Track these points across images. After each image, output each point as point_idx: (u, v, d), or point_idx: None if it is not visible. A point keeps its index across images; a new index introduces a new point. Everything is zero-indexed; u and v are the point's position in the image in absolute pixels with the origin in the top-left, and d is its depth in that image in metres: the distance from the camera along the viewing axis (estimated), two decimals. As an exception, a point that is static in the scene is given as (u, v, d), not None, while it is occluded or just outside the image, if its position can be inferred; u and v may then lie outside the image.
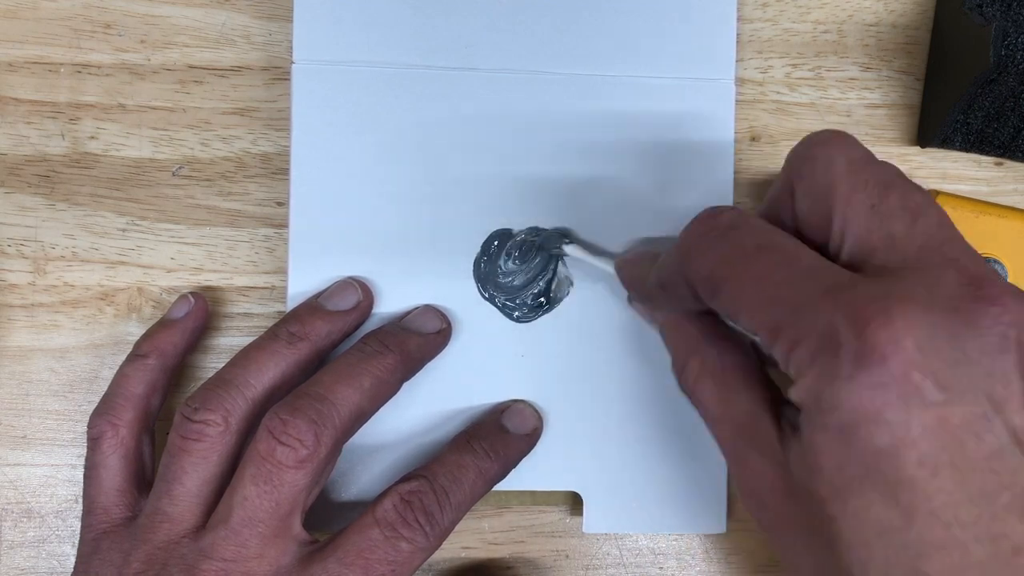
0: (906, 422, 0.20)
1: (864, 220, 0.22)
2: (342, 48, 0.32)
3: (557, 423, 0.32)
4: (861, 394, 0.20)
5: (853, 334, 0.20)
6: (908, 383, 0.20)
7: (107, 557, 0.27)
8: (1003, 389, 0.20)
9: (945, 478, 0.20)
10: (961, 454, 0.20)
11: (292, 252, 0.31)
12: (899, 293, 0.20)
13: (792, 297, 0.22)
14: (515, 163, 0.32)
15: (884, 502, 0.20)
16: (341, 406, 0.27)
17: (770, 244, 0.23)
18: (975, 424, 0.20)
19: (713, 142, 0.33)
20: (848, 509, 0.20)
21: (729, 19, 0.33)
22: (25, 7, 0.33)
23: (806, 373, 0.21)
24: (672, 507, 0.33)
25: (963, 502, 0.20)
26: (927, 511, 0.20)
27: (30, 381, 0.33)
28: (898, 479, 0.20)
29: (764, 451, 0.23)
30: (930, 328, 0.20)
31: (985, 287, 0.21)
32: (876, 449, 0.20)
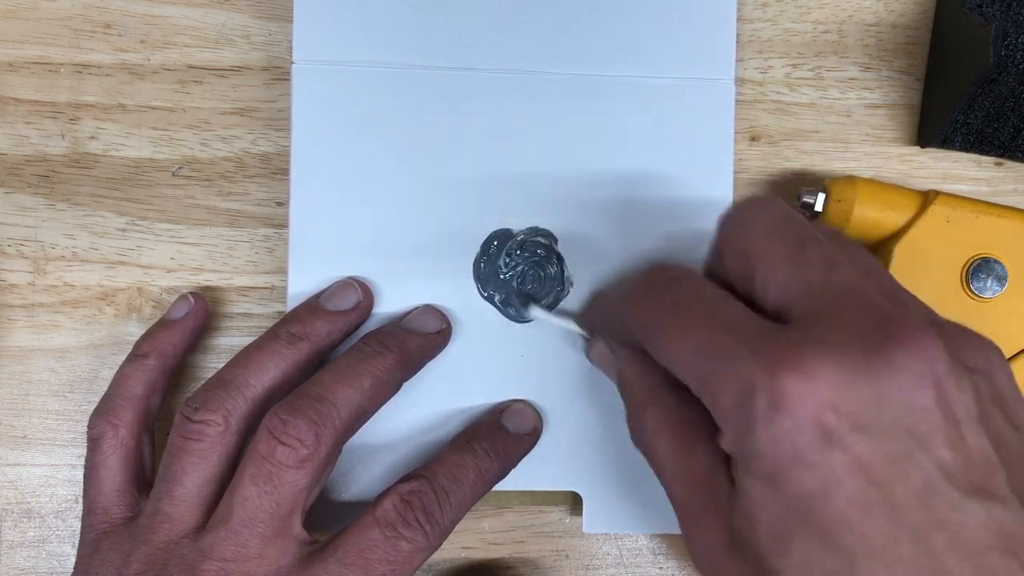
0: (828, 463, 0.20)
1: (782, 273, 0.23)
2: (342, 48, 0.32)
3: (557, 423, 0.32)
4: (778, 440, 0.20)
5: (766, 382, 0.20)
6: (822, 426, 0.20)
7: (107, 557, 0.27)
8: (925, 425, 0.20)
9: (878, 516, 0.20)
10: (891, 492, 0.20)
11: (292, 252, 0.31)
12: (811, 338, 0.21)
13: (715, 349, 0.22)
14: (515, 163, 0.32)
15: (823, 548, 0.20)
16: (341, 406, 0.27)
17: (700, 297, 0.24)
18: (900, 462, 0.20)
19: (713, 142, 0.33)
20: (789, 561, 0.20)
21: (729, 19, 0.33)
22: (25, 7, 0.33)
23: (730, 423, 0.21)
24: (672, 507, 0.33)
25: (901, 540, 0.19)
26: (866, 553, 0.20)
27: (30, 381, 0.33)
28: (832, 520, 0.20)
29: (715, 508, 0.23)
30: (844, 370, 0.20)
31: (898, 325, 0.21)
32: (805, 493, 0.20)
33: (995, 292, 0.32)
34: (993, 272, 0.32)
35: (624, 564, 0.34)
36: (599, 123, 0.32)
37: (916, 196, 0.33)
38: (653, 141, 0.32)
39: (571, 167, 0.32)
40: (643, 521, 0.32)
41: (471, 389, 0.32)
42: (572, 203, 0.32)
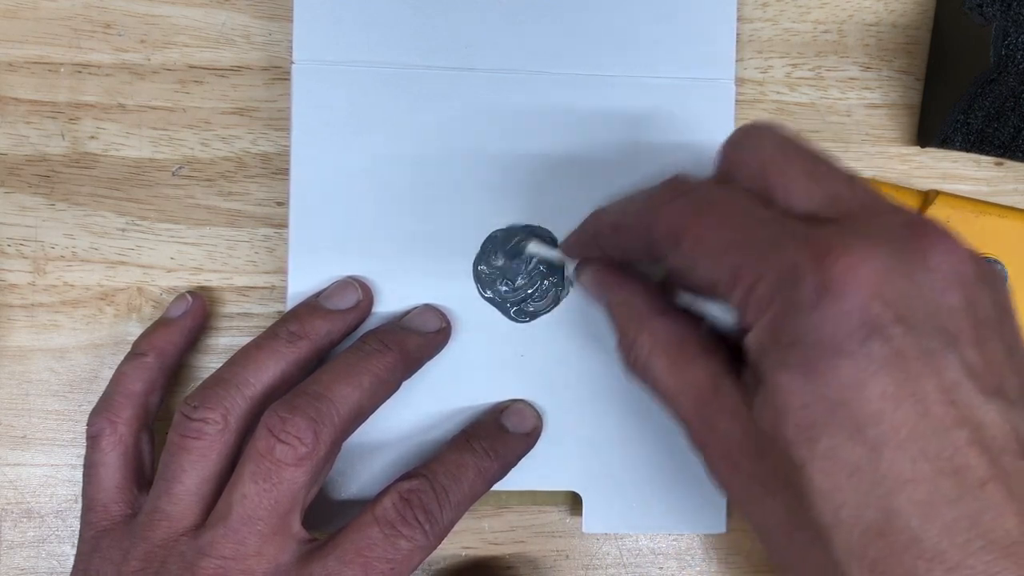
0: (868, 354, 0.20)
1: (804, 184, 0.23)
2: (342, 48, 0.32)
3: (557, 423, 0.32)
4: (823, 325, 0.20)
5: (814, 267, 0.20)
6: (868, 313, 0.20)
7: (107, 555, 0.27)
8: (955, 324, 0.20)
9: (908, 411, 0.20)
10: (921, 387, 0.20)
11: (292, 252, 0.31)
12: (855, 232, 0.21)
13: (753, 241, 0.22)
14: (515, 163, 0.32)
15: (851, 439, 0.20)
16: (340, 404, 0.27)
17: (732, 199, 0.23)
18: (933, 357, 0.20)
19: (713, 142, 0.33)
20: (816, 451, 0.20)
21: (729, 19, 0.33)
22: (25, 7, 0.33)
23: (767, 311, 0.21)
24: (672, 507, 0.33)
25: (926, 435, 0.20)
26: (894, 445, 0.20)
27: (30, 381, 0.33)
28: (863, 413, 0.20)
29: (729, 411, 0.23)
30: (886, 262, 0.20)
31: (930, 228, 0.21)
32: (840, 383, 0.20)
33: (995, 292, 0.32)
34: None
35: (624, 564, 0.34)
36: (599, 123, 0.32)
37: (916, 196, 0.33)
38: (653, 141, 0.32)
39: (571, 167, 0.32)
40: (643, 521, 0.32)
41: (471, 389, 0.32)
42: (572, 203, 0.32)
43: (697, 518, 0.33)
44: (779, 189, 0.23)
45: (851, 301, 0.20)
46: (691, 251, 0.23)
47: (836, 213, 0.22)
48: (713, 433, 0.24)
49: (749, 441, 0.23)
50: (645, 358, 0.26)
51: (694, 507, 0.33)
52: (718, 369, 0.24)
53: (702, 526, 0.33)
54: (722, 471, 0.24)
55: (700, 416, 0.24)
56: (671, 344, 0.25)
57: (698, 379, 0.24)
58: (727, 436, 0.23)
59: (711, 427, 0.24)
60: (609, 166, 0.32)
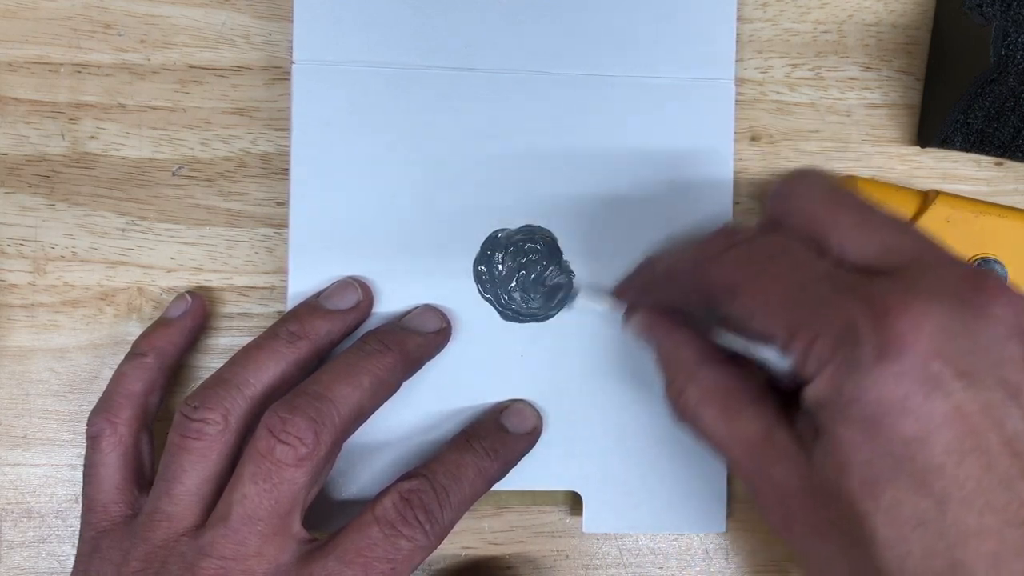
0: (930, 410, 0.20)
1: (857, 235, 0.23)
2: (342, 48, 0.32)
3: (557, 423, 0.32)
4: (884, 383, 0.20)
5: (873, 325, 0.20)
6: (929, 371, 0.20)
7: (107, 555, 0.27)
8: (1015, 375, 0.21)
9: (972, 464, 0.20)
10: (984, 440, 0.20)
11: (292, 252, 0.31)
12: (912, 287, 0.21)
13: (810, 297, 0.22)
14: (515, 163, 0.32)
15: (916, 493, 0.20)
16: (341, 404, 0.27)
17: (788, 251, 0.24)
18: (994, 410, 0.20)
19: (713, 142, 0.33)
20: (880, 504, 0.21)
21: (729, 19, 0.33)
22: (25, 7, 0.33)
23: (826, 368, 0.21)
24: (672, 507, 0.33)
25: (992, 488, 0.20)
26: (959, 499, 0.20)
27: (30, 381, 0.33)
28: (927, 467, 0.20)
29: (785, 460, 0.23)
30: (945, 318, 0.20)
31: (986, 279, 0.21)
32: (903, 439, 0.20)
33: (995, 292, 0.32)
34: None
35: (624, 564, 0.34)
36: (599, 123, 0.32)
37: (916, 196, 0.33)
38: (653, 141, 0.32)
39: (571, 167, 0.32)
40: (643, 521, 0.32)
41: (471, 389, 0.32)
42: (572, 203, 0.32)
43: (697, 518, 0.33)
44: (834, 240, 0.23)
45: (912, 359, 0.20)
46: (748, 305, 0.24)
47: (891, 265, 0.22)
48: (768, 481, 0.24)
49: (807, 490, 0.23)
50: (694, 408, 0.26)
51: (694, 507, 0.33)
52: (770, 418, 0.24)
53: (702, 526, 0.33)
54: (778, 518, 0.24)
55: (753, 465, 0.24)
56: (720, 394, 0.26)
57: (750, 428, 0.25)
58: (783, 484, 0.23)
59: (766, 476, 0.24)
60: (609, 166, 0.32)
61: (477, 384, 0.32)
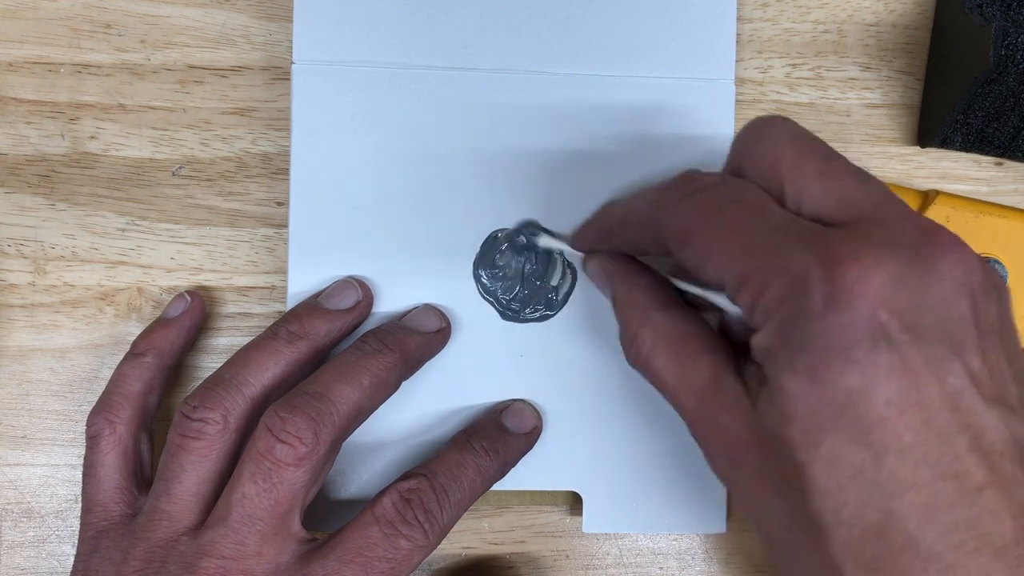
0: (874, 361, 0.20)
1: (817, 184, 0.23)
2: (342, 48, 0.32)
3: (557, 423, 0.32)
4: (831, 332, 0.20)
5: (822, 275, 0.20)
6: (876, 322, 0.20)
7: (106, 555, 0.27)
8: (961, 332, 0.21)
9: (912, 417, 0.20)
10: (926, 394, 0.20)
11: (292, 252, 0.31)
12: (866, 239, 0.21)
13: (763, 244, 0.22)
14: (515, 163, 0.32)
15: (855, 443, 0.20)
16: (340, 404, 0.27)
17: (744, 199, 0.23)
18: (938, 365, 0.20)
19: (713, 142, 0.33)
20: (820, 453, 0.21)
21: (729, 19, 0.33)
22: (25, 7, 0.33)
23: (774, 315, 0.21)
24: (672, 507, 0.33)
25: (928, 441, 0.20)
26: (896, 450, 0.20)
27: (30, 381, 0.33)
28: (868, 418, 0.20)
29: (733, 408, 0.23)
30: (896, 271, 0.20)
31: (941, 235, 0.21)
32: (846, 389, 0.20)
33: (995, 292, 0.32)
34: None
35: (624, 564, 0.34)
36: (599, 123, 0.32)
37: (916, 196, 0.33)
38: (653, 141, 0.32)
39: (571, 167, 0.32)
40: (643, 521, 0.32)
41: (471, 389, 0.32)
42: (572, 203, 0.32)
43: (697, 518, 0.33)
44: (791, 188, 0.23)
45: (859, 310, 0.20)
46: (700, 252, 0.23)
47: (848, 216, 0.22)
48: (715, 428, 0.24)
49: (752, 438, 0.23)
50: (647, 352, 0.26)
51: (694, 507, 0.33)
52: (720, 365, 0.24)
53: (702, 526, 0.33)
54: (724, 466, 0.24)
55: (702, 411, 0.24)
56: (674, 339, 0.26)
57: (700, 375, 0.25)
58: (729, 432, 0.23)
59: (713, 422, 0.24)
60: (609, 166, 0.32)
61: (477, 384, 0.32)
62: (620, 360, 0.32)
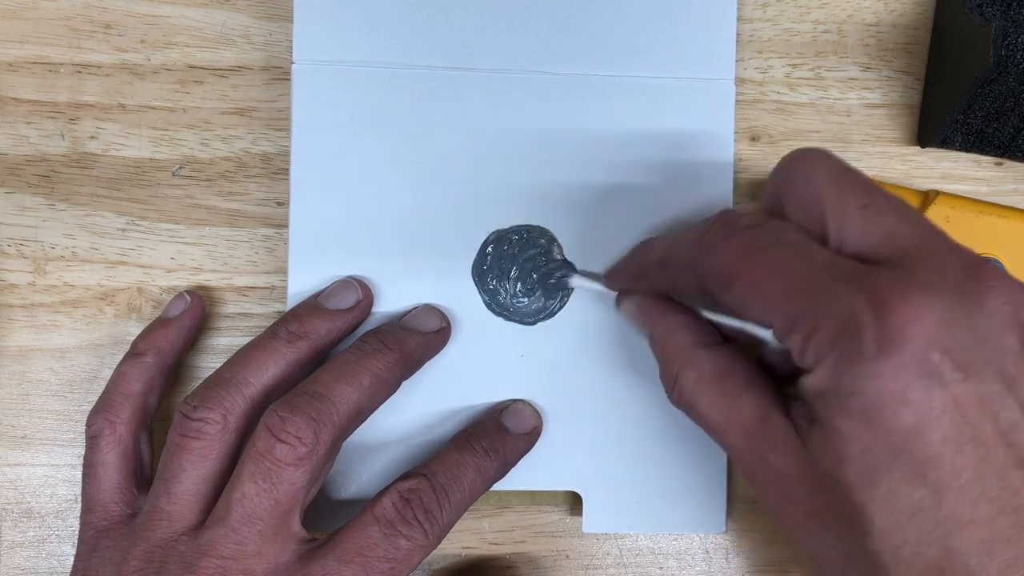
0: (928, 401, 0.20)
1: (859, 221, 0.23)
2: (342, 48, 0.32)
3: (557, 423, 0.32)
4: (884, 375, 0.20)
5: (873, 317, 0.21)
6: (928, 363, 0.20)
7: (106, 555, 0.27)
8: (1013, 366, 0.21)
9: (968, 455, 0.20)
10: (980, 431, 0.20)
11: (292, 252, 0.31)
12: (913, 278, 0.21)
13: (809, 286, 0.22)
14: (515, 163, 0.32)
15: (912, 483, 0.21)
16: (340, 404, 0.27)
17: (786, 241, 0.24)
18: (991, 401, 0.21)
19: (713, 142, 0.33)
20: (878, 494, 0.21)
21: (729, 19, 0.33)
22: (25, 7, 0.33)
23: (826, 359, 0.21)
24: (672, 507, 0.33)
25: (986, 477, 0.20)
26: (955, 488, 0.20)
27: (30, 381, 0.33)
28: (925, 458, 0.20)
29: (780, 447, 0.23)
30: (944, 310, 0.21)
31: (986, 270, 0.22)
32: (902, 430, 0.20)
33: (995, 292, 0.32)
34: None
35: (624, 564, 0.34)
36: (599, 123, 0.32)
37: (916, 196, 0.33)
38: (653, 141, 0.32)
39: (571, 167, 0.32)
40: (643, 521, 0.32)
41: (471, 389, 0.32)
42: (572, 203, 0.32)
43: (697, 518, 0.33)
44: (833, 226, 0.23)
45: (911, 351, 0.20)
46: (745, 294, 0.24)
47: (891, 253, 0.22)
48: (765, 466, 0.24)
49: (803, 476, 0.23)
50: (691, 391, 0.26)
51: (694, 507, 0.33)
52: (766, 402, 0.24)
53: (702, 526, 0.33)
54: (775, 503, 0.24)
55: (750, 449, 0.25)
56: (716, 378, 0.26)
57: (746, 412, 0.25)
58: (780, 470, 0.24)
59: (763, 460, 0.24)
60: (609, 166, 0.32)
61: (477, 384, 0.32)
62: (620, 360, 0.32)
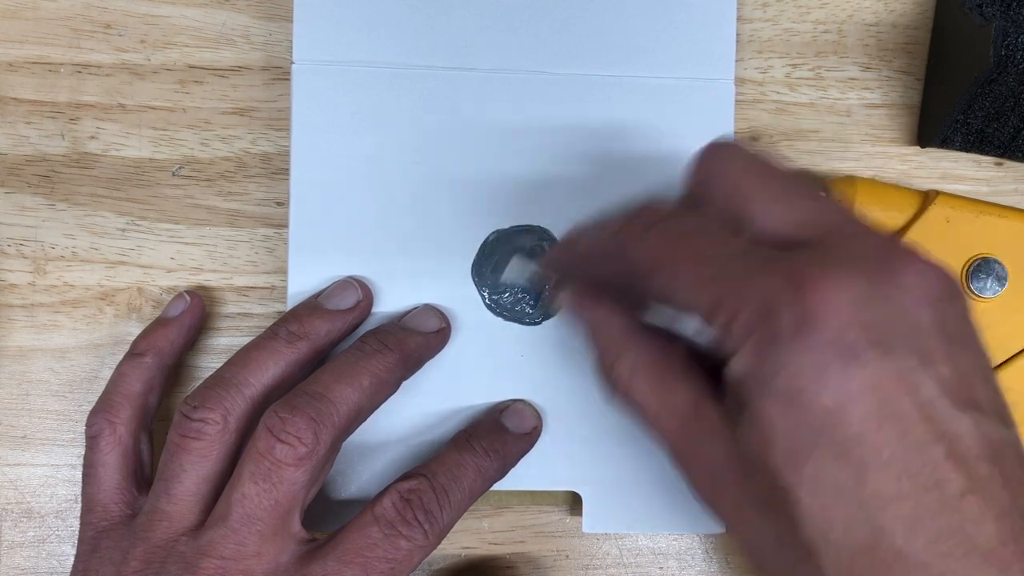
0: (846, 380, 0.20)
1: (774, 210, 0.23)
2: (342, 48, 0.32)
3: (557, 423, 0.32)
4: (803, 355, 0.21)
5: (790, 298, 0.21)
6: (845, 341, 0.20)
7: (106, 555, 0.27)
8: (927, 342, 0.21)
9: (889, 431, 0.20)
10: (899, 407, 0.20)
11: (292, 252, 0.31)
12: (828, 259, 0.21)
13: (729, 272, 0.22)
14: (515, 163, 0.32)
15: (836, 463, 0.21)
16: (340, 404, 0.27)
17: (707, 229, 0.24)
18: (909, 377, 0.21)
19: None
20: (803, 475, 0.21)
21: (729, 19, 0.33)
22: (25, 7, 0.33)
23: (747, 342, 0.22)
24: (672, 507, 0.32)
25: (908, 453, 0.20)
26: (878, 465, 0.20)
27: (30, 381, 0.33)
28: (847, 436, 0.20)
29: (713, 435, 0.24)
30: (860, 288, 0.21)
31: (899, 249, 0.22)
32: (823, 409, 0.21)
33: (995, 292, 0.32)
34: (993, 272, 0.32)
35: (624, 564, 0.34)
36: (599, 123, 0.32)
37: (916, 196, 0.33)
38: (653, 141, 0.32)
39: (571, 167, 0.32)
40: (643, 521, 0.32)
41: (471, 389, 0.32)
42: (572, 203, 0.32)
43: (697, 518, 0.33)
44: (749, 214, 0.23)
45: (828, 331, 0.20)
46: (669, 281, 0.24)
47: (808, 236, 0.22)
48: (697, 454, 0.24)
49: (733, 463, 0.23)
50: (627, 379, 0.26)
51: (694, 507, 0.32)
52: (699, 391, 0.25)
53: (702, 526, 0.33)
54: (707, 491, 0.24)
55: (684, 437, 0.25)
56: (652, 365, 0.26)
57: (680, 400, 0.25)
58: (711, 457, 0.24)
59: (695, 448, 0.24)
60: (609, 166, 0.32)
61: (477, 384, 0.32)
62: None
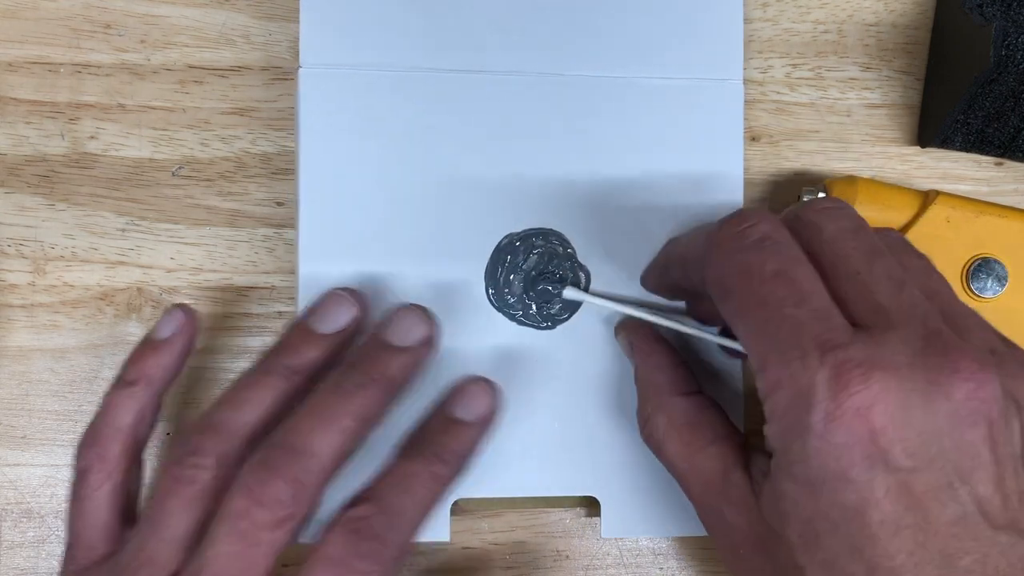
0: (870, 483, 0.21)
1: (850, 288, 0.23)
2: (349, 51, 0.31)
3: (574, 427, 0.32)
4: (828, 452, 0.21)
5: (828, 393, 0.21)
6: (875, 446, 0.21)
7: None
8: (970, 462, 0.21)
9: (906, 539, 0.21)
10: (924, 518, 0.21)
11: (302, 259, 0.31)
12: (878, 357, 0.21)
13: (787, 337, 0.22)
14: (525, 165, 0.32)
15: (849, 556, 0.21)
16: (323, 456, 0.26)
17: (787, 274, 0.23)
18: (940, 492, 0.21)
19: (722, 142, 0.33)
20: (816, 559, 0.22)
21: (736, 19, 0.33)
22: (25, 7, 0.33)
23: (780, 419, 0.22)
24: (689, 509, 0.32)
25: (924, 563, 0.20)
26: (888, 568, 0.21)
27: (30, 381, 0.33)
28: (862, 536, 0.21)
29: (736, 503, 0.24)
30: (904, 397, 0.21)
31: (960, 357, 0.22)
32: (841, 505, 0.21)
33: (995, 292, 0.32)
34: (993, 272, 0.32)
35: (624, 564, 0.34)
36: (608, 124, 0.32)
37: (916, 196, 0.33)
38: (663, 142, 0.32)
39: (581, 169, 0.32)
40: (661, 524, 0.32)
41: None
42: (582, 205, 0.32)
43: None
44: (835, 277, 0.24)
45: (858, 433, 0.21)
46: (732, 315, 0.24)
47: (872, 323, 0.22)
48: (719, 521, 0.25)
49: (753, 533, 0.24)
50: (660, 436, 0.27)
51: None
52: (728, 458, 0.25)
53: None
54: (727, 555, 0.25)
55: (708, 503, 0.25)
56: (685, 428, 0.27)
57: (708, 467, 0.25)
58: (732, 527, 0.24)
59: (718, 515, 0.25)
60: (619, 167, 0.32)
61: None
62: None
